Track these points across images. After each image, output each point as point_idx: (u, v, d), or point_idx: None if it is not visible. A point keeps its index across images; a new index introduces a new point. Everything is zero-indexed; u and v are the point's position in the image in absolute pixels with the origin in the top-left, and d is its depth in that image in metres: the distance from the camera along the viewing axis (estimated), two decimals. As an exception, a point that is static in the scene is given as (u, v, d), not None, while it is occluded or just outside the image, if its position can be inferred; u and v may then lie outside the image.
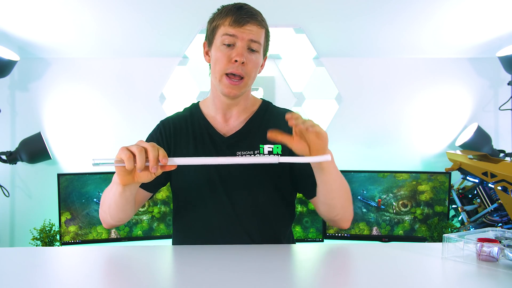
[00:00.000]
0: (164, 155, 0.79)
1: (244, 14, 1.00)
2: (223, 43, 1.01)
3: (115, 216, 0.99)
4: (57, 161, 2.45)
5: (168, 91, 2.45)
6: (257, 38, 1.02)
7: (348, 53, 2.48)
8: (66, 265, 0.86)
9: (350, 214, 1.06)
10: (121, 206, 0.94)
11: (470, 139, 2.39)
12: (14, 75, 2.41)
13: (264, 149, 1.07)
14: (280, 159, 0.80)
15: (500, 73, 2.47)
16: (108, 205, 0.97)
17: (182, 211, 1.11)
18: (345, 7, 2.13)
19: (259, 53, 1.04)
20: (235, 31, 1.00)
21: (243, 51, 1.00)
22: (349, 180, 2.06)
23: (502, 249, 0.80)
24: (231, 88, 1.01)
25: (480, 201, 2.12)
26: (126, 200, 0.92)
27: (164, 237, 2.07)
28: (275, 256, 0.88)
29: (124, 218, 1.01)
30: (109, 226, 1.06)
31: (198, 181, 1.07)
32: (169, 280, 0.75)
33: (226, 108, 1.09)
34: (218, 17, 1.04)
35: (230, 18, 1.00)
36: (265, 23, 1.05)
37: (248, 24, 1.00)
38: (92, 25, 2.21)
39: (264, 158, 0.81)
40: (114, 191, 0.91)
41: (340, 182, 0.98)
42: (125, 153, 0.78)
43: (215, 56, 1.03)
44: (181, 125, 1.11)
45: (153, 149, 0.78)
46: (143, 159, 0.78)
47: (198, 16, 2.20)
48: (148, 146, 0.79)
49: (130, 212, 1.01)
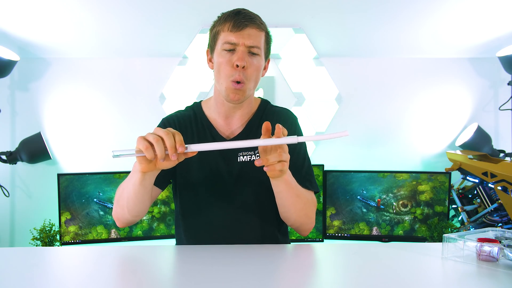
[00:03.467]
0: (181, 142, 0.79)
1: (242, 18, 1.02)
2: (224, 48, 1.03)
3: (133, 209, 0.99)
4: (57, 161, 2.45)
5: (168, 91, 2.45)
6: (256, 43, 1.03)
7: (348, 53, 2.48)
8: (66, 265, 0.86)
9: (307, 228, 1.09)
10: (140, 197, 0.94)
11: (470, 139, 2.39)
12: (14, 75, 2.41)
13: None
14: (299, 139, 0.81)
15: (500, 73, 2.47)
16: (127, 197, 0.97)
17: (188, 211, 1.11)
18: (345, 7, 2.13)
19: (260, 56, 1.05)
20: (235, 36, 1.01)
21: (243, 56, 1.01)
22: (349, 180, 2.06)
23: (502, 249, 0.80)
24: (235, 93, 1.02)
25: (480, 201, 2.12)
26: (145, 189, 0.93)
27: (164, 237, 2.07)
28: (275, 256, 0.88)
29: (142, 211, 1.01)
30: (125, 223, 1.05)
31: (203, 179, 1.08)
32: (170, 280, 0.75)
33: (229, 112, 1.11)
34: (218, 23, 1.06)
35: (229, 24, 1.02)
36: (264, 26, 1.06)
37: (246, 28, 1.01)
38: (92, 25, 2.21)
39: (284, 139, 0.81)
40: (134, 181, 0.91)
41: (293, 201, 1.00)
42: (143, 143, 0.78)
43: (218, 62, 1.04)
44: (185, 124, 1.13)
45: (169, 137, 0.78)
46: (162, 149, 0.78)
47: (198, 16, 2.20)
48: (164, 134, 0.79)
49: (147, 204, 1.01)
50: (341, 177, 2.07)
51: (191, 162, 1.05)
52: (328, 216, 2.07)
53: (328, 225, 2.08)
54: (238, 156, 1.08)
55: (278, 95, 2.47)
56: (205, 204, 1.09)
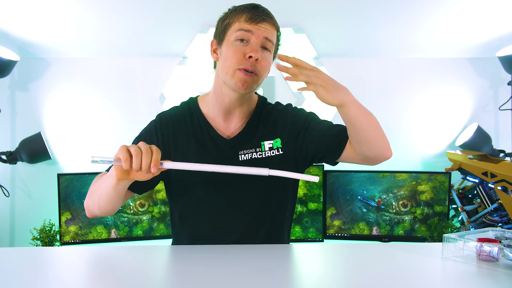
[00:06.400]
0: (156, 162, 0.82)
1: (261, 12, 1.02)
2: (237, 38, 1.01)
3: (103, 207, 0.99)
4: (57, 161, 2.45)
5: (168, 91, 2.45)
6: (271, 37, 1.03)
7: (348, 53, 2.48)
8: (66, 265, 0.86)
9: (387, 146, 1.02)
10: (111, 198, 0.95)
11: (470, 139, 2.39)
12: (14, 75, 2.41)
13: (265, 146, 1.08)
14: (270, 172, 0.86)
15: (500, 73, 2.47)
16: (99, 196, 0.97)
17: (189, 215, 1.09)
18: (345, 7, 2.13)
19: (271, 54, 1.05)
20: (251, 27, 1.00)
21: (257, 48, 1.00)
22: (349, 180, 2.06)
23: (502, 249, 0.80)
24: (244, 81, 0.99)
25: (480, 201, 2.12)
26: (117, 193, 0.93)
27: (164, 237, 2.07)
28: (275, 256, 0.88)
29: (111, 210, 1.00)
30: (93, 216, 1.04)
31: (203, 182, 1.06)
32: (169, 280, 0.75)
33: (229, 109, 1.07)
34: (232, 14, 1.04)
35: (246, 15, 1.01)
36: (278, 25, 1.07)
37: (264, 22, 1.01)
38: (92, 25, 2.21)
39: (255, 169, 0.86)
40: (108, 183, 0.92)
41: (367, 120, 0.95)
42: (124, 154, 0.82)
43: (227, 52, 1.01)
44: (180, 125, 1.09)
45: (147, 156, 0.82)
46: (138, 163, 0.82)
47: (198, 16, 2.20)
48: (144, 151, 0.82)
49: (118, 206, 1.01)
50: (341, 177, 2.07)
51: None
52: (328, 216, 2.07)
53: (328, 225, 2.08)
54: (239, 155, 1.06)
55: (278, 95, 2.47)
56: (207, 207, 1.07)
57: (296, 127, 1.09)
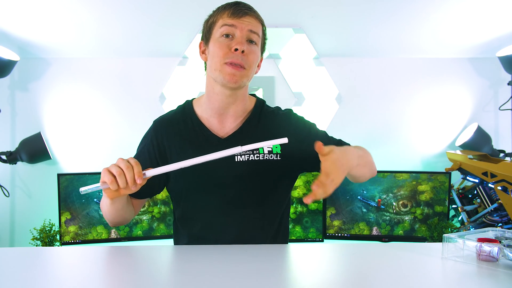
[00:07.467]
0: (139, 174, 0.86)
1: (243, 7, 1.03)
2: (222, 34, 1.01)
3: (112, 221, 1.06)
4: (57, 161, 2.45)
5: (168, 91, 2.45)
6: (256, 29, 1.03)
7: (348, 53, 2.48)
8: (66, 265, 0.86)
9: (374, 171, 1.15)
10: (114, 213, 1.01)
11: (470, 139, 2.39)
12: (14, 75, 2.41)
13: (264, 149, 1.07)
14: (243, 148, 0.88)
15: (500, 73, 2.47)
16: (105, 212, 1.04)
17: (189, 217, 1.10)
18: (345, 7, 2.13)
19: (258, 47, 1.05)
20: (234, 21, 1.01)
21: (242, 40, 1.01)
22: (349, 180, 2.06)
23: (502, 249, 0.80)
24: (232, 74, 0.99)
25: (480, 201, 2.12)
26: (117, 209, 0.99)
27: (164, 237, 2.07)
28: (275, 256, 0.88)
29: (123, 220, 1.06)
30: (112, 226, 1.11)
31: (202, 184, 1.07)
32: (170, 280, 0.75)
33: (223, 108, 1.06)
34: (215, 12, 1.06)
35: (228, 11, 1.02)
36: (262, 19, 1.07)
37: (246, 16, 1.02)
38: (92, 25, 2.21)
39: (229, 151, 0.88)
40: (105, 202, 0.99)
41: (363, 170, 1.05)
42: (108, 177, 0.86)
43: (214, 49, 1.02)
44: (174, 128, 1.09)
45: (129, 171, 0.86)
46: (123, 181, 0.86)
47: (198, 16, 2.19)
48: (124, 167, 0.86)
49: (128, 215, 1.06)
50: (341, 177, 2.07)
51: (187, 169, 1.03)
52: (328, 216, 2.07)
53: (328, 225, 2.08)
54: (235, 156, 1.06)
55: (278, 95, 2.47)
56: (203, 208, 1.07)
57: (300, 136, 1.08)
